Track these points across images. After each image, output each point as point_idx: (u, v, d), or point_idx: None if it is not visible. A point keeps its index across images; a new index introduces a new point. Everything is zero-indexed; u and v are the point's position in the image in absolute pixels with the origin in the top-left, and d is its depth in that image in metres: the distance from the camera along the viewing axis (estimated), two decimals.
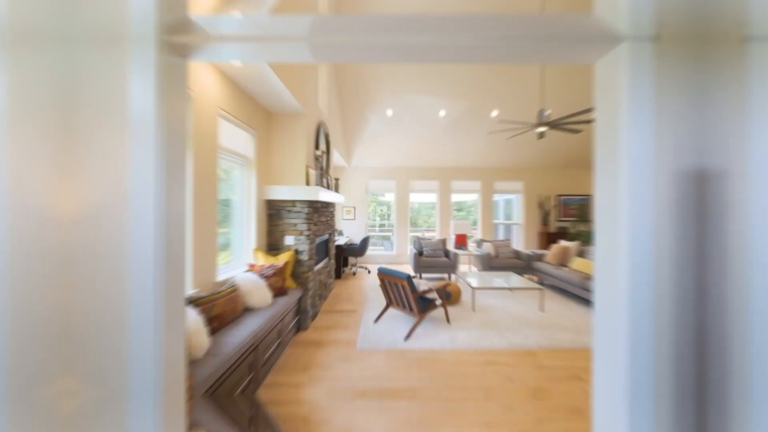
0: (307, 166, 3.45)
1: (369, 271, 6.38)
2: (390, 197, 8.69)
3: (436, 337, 3.09)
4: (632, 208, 0.43)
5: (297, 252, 3.29)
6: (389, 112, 5.85)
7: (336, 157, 6.15)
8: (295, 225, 3.31)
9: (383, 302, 4.19)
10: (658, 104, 0.42)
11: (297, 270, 3.29)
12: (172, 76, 0.48)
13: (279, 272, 2.89)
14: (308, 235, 3.31)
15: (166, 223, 0.46)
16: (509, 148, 6.79)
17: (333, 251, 4.91)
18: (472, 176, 7.49)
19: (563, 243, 5.21)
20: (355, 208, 7.41)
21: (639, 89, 0.42)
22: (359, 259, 7.10)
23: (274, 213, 3.33)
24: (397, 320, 3.52)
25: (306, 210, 3.29)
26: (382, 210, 9.86)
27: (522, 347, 2.91)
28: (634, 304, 0.43)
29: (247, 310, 2.42)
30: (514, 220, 7.84)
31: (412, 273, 6.17)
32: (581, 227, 6.90)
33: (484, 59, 0.48)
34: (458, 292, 4.21)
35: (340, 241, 6.10)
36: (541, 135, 4.82)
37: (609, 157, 0.46)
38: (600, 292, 0.48)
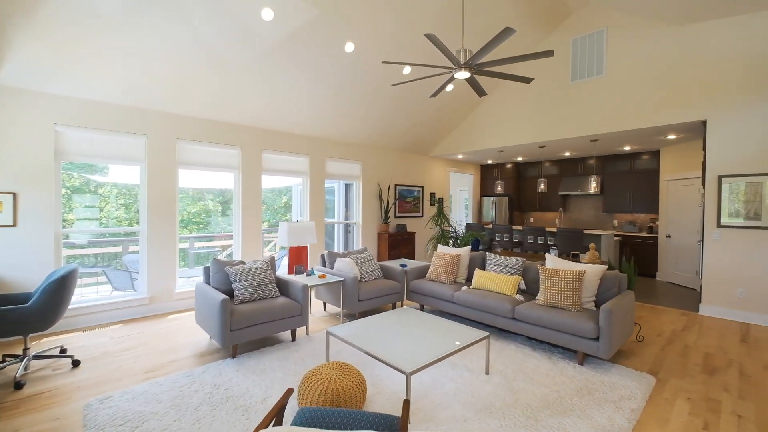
0: None
1: (75, 362, 2.95)
2: (129, 174, 5.07)
3: None
4: None
5: None
6: None
7: None
8: None
9: None
10: None
11: None
12: None
13: None
14: None
15: None
16: (353, 110, 5.38)
17: None
18: (298, 148, 5.49)
19: (446, 250, 4.43)
20: (16, 195, 3.45)
21: None
22: (49, 328, 3.16)
23: None
24: None
25: None
26: (96, 201, 5.80)
27: None
28: None
29: None
30: (338, 218, 6.58)
31: (214, 340, 3.41)
32: (444, 225, 6.65)
33: None
34: (361, 391, 2.25)
35: None
36: (440, 90, 3.71)
37: None
38: None
